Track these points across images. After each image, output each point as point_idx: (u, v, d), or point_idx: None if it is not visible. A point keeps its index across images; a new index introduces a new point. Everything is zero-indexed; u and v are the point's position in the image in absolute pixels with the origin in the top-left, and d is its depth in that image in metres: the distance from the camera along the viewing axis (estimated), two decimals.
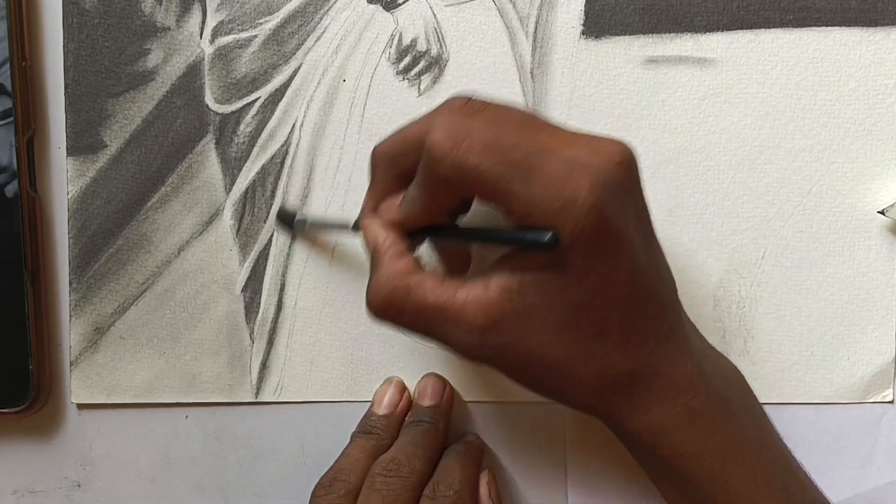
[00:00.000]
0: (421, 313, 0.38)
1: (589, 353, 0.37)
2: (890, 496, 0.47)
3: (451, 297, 0.37)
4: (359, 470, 0.43)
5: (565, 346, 0.37)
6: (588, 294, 0.36)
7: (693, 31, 0.47)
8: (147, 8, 0.47)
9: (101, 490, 0.49)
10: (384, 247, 0.39)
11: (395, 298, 0.38)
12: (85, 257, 0.48)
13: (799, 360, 0.47)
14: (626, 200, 0.37)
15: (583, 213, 0.35)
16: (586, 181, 0.35)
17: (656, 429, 0.39)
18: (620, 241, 0.36)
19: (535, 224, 0.35)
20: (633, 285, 0.37)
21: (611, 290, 0.37)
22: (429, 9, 0.47)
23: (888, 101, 0.46)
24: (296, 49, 0.47)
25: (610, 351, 0.37)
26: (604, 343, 0.37)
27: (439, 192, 0.37)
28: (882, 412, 0.47)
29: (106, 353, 0.48)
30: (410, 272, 0.38)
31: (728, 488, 0.39)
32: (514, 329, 0.37)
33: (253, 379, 0.48)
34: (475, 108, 0.37)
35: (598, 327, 0.37)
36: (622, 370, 0.38)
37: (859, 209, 0.47)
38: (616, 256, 0.36)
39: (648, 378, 0.38)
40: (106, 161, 0.48)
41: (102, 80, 0.47)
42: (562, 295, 0.36)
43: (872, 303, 0.47)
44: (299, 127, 0.48)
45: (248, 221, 0.48)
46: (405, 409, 0.46)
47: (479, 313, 0.37)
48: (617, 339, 0.37)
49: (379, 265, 0.39)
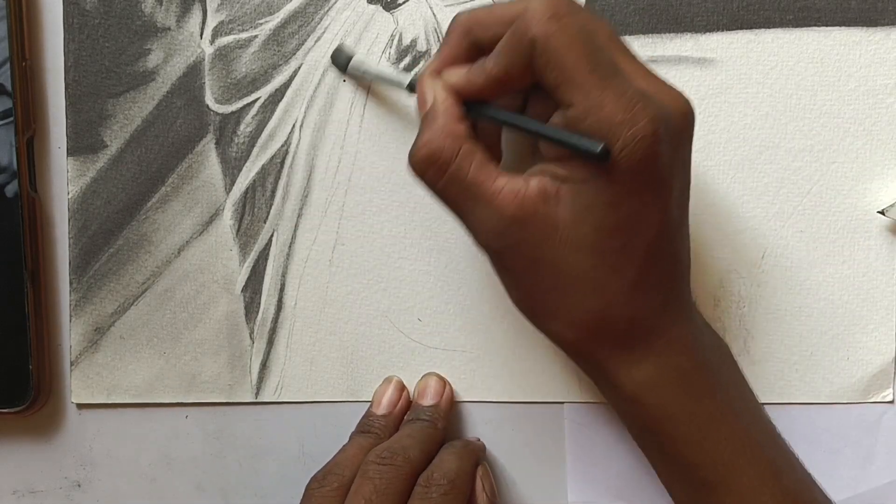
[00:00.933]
0: (459, 182, 0.38)
1: (599, 283, 0.37)
2: (890, 496, 0.47)
3: (492, 179, 0.38)
4: (353, 465, 0.43)
5: (580, 266, 0.37)
6: (618, 222, 0.37)
7: (693, 31, 0.47)
8: (147, 8, 0.47)
9: (102, 490, 0.49)
10: (443, 106, 0.39)
11: (443, 157, 0.38)
12: (85, 257, 0.48)
13: (799, 360, 0.47)
14: (678, 150, 0.37)
15: (637, 137, 0.35)
16: (651, 111, 0.35)
17: (645, 384, 0.39)
18: (663, 183, 0.36)
19: (587, 130, 0.35)
20: (660, 233, 0.37)
21: (640, 226, 0.37)
22: (429, 9, 0.47)
23: (888, 101, 0.46)
24: (296, 49, 0.47)
25: (619, 290, 0.38)
26: (617, 279, 0.37)
27: (516, 64, 0.37)
28: (882, 412, 0.47)
29: (106, 353, 0.48)
30: (465, 137, 0.38)
31: (715, 457, 0.39)
32: (539, 230, 0.37)
33: (253, 379, 0.48)
34: (574, 4, 0.37)
35: (616, 259, 0.37)
36: (623, 314, 0.38)
37: (859, 209, 0.47)
38: (655, 195, 0.37)
39: (646, 331, 0.38)
40: (106, 161, 0.48)
41: (103, 80, 0.47)
42: (594, 214, 0.37)
43: (872, 303, 0.47)
44: (299, 127, 0.48)
45: (249, 221, 0.48)
46: (404, 409, 0.47)
47: (511, 203, 0.37)
48: (630, 280, 0.37)
49: (433, 121, 0.39)
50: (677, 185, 0.38)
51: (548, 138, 0.38)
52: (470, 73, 0.39)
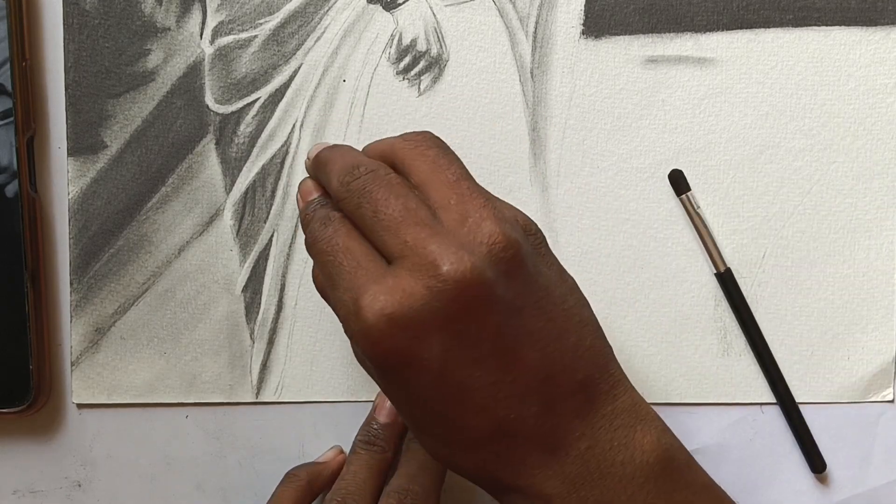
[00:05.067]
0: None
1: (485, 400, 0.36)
2: (890, 495, 0.47)
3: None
4: (367, 493, 0.43)
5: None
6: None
7: (693, 30, 0.47)
8: (147, 8, 0.47)
9: (102, 490, 0.49)
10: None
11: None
12: (85, 258, 0.48)
13: (799, 359, 0.47)
14: (422, 332, 0.34)
15: (360, 342, 0.35)
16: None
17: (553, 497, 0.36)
18: (408, 367, 0.35)
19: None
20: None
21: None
22: (429, 9, 0.47)
23: (888, 101, 0.46)
24: (296, 49, 0.47)
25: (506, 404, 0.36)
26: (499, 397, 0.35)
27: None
28: (881, 411, 0.47)
29: (107, 354, 0.48)
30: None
31: None
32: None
33: (253, 379, 0.48)
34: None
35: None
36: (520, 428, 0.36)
37: (859, 208, 0.47)
38: (409, 378, 0.35)
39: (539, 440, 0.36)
40: (106, 161, 0.48)
41: (103, 80, 0.47)
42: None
43: (873, 302, 0.47)
44: (299, 127, 0.48)
45: (249, 222, 0.48)
46: None
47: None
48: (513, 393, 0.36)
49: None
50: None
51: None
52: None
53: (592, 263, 0.47)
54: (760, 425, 0.47)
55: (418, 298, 0.33)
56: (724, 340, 0.47)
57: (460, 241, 0.34)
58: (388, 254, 0.35)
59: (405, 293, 0.33)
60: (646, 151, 0.47)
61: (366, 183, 0.36)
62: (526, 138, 0.47)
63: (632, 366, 0.47)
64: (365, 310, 0.34)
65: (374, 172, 0.36)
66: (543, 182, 0.47)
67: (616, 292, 0.47)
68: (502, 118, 0.47)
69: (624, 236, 0.47)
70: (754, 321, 0.46)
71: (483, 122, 0.47)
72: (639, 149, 0.47)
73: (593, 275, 0.47)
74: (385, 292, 0.34)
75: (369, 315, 0.34)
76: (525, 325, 0.35)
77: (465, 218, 0.35)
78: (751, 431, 0.47)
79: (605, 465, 0.36)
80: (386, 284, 0.34)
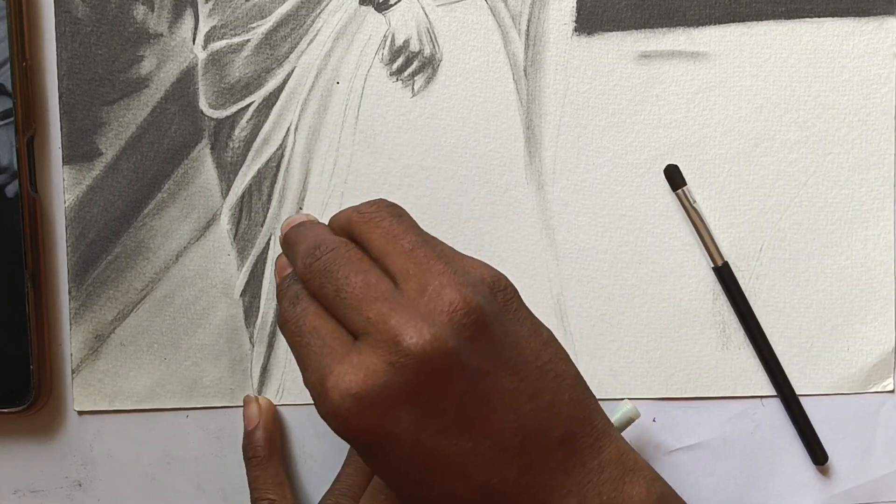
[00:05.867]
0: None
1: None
2: (891, 486, 0.47)
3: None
4: (360, 496, 0.43)
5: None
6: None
7: (685, 25, 0.47)
8: (139, 15, 0.47)
9: (102, 489, 0.49)
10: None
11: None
12: (84, 265, 0.48)
13: (799, 351, 0.47)
14: (388, 408, 0.34)
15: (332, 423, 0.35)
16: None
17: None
18: (386, 444, 0.35)
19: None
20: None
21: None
22: (420, 9, 0.47)
23: (882, 91, 0.46)
24: (289, 52, 0.47)
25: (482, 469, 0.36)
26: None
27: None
28: (882, 402, 0.47)
29: (107, 360, 0.48)
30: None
31: None
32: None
33: (254, 383, 0.48)
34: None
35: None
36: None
37: (856, 199, 0.47)
38: (386, 457, 0.35)
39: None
40: (102, 169, 0.48)
41: (96, 87, 0.48)
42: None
43: (871, 293, 0.47)
44: (294, 130, 0.48)
45: (246, 226, 0.48)
46: None
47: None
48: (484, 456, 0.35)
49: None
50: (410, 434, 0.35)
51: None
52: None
53: (590, 260, 0.47)
54: (761, 418, 0.47)
55: (381, 375, 0.33)
56: (723, 334, 0.47)
57: (421, 312, 0.34)
58: (353, 331, 0.35)
59: (369, 371, 0.34)
60: (641, 147, 0.47)
61: (326, 263, 0.36)
62: (521, 136, 0.47)
63: (631, 361, 0.47)
64: (331, 391, 0.34)
65: (334, 251, 0.36)
66: (539, 180, 0.47)
67: (614, 288, 0.47)
68: (496, 117, 0.47)
69: (621, 232, 0.47)
70: (753, 314, 0.46)
71: (477, 122, 0.47)
72: (634, 144, 0.47)
73: (591, 271, 0.47)
74: (349, 372, 0.34)
75: (335, 396, 0.34)
76: (495, 387, 0.34)
77: (425, 287, 0.34)
78: (751, 424, 0.47)
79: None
80: (350, 363, 0.34)
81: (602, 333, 0.47)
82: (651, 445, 0.47)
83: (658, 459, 0.47)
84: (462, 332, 0.34)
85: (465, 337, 0.34)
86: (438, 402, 0.34)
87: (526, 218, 0.47)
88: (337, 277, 0.35)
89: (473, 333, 0.34)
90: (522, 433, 0.35)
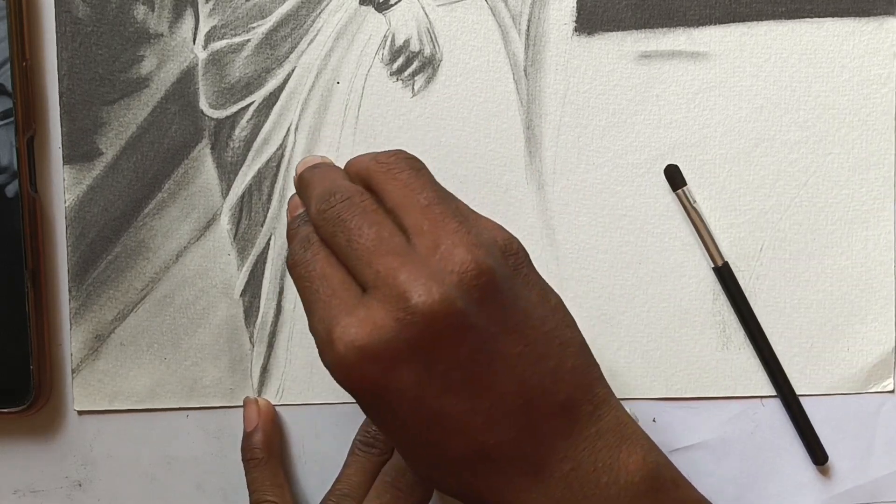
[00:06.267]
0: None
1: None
2: (891, 486, 0.47)
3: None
4: (362, 496, 0.44)
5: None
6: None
7: (685, 25, 0.47)
8: (140, 15, 0.47)
9: (102, 489, 0.49)
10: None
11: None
12: (84, 265, 0.48)
13: (799, 352, 0.47)
14: (392, 363, 0.34)
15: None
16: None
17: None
18: (389, 398, 0.35)
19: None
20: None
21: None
22: (421, 9, 0.47)
23: (882, 91, 0.46)
24: (289, 52, 0.47)
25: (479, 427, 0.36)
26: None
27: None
28: (882, 402, 0.47)
29: (107, 360, 0.48)
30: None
31: None
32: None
33: (254, 383, 0.48)
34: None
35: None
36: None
37: (856, 199, 0.47)
38: (389, 409, 0.35)
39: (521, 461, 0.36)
40: (102, 169, 0.48)
41: (97, 87, 0.48)
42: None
43: (871, 293, 0.47)
44: (294, 130, 0.48)
45: (246, 226, 0.48)
46: None
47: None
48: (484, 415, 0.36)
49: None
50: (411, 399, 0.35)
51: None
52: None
53: (590, 260, 0.47)
54: (761, 418, 0.47)
55: (388, 330, 0.34)
56: (723, 334, 0.47)
57: (431, 270, 0.34)
58: (362, 282, 0.35)
59: (375, 325, 0.34)
60: (641, 147, 0.47)
61: (340, 211, 0.36)
62: (521, 137, 0.47)
63: (631, 361, 0.47)
64: (336, 342, 0.34)
65: (348, 200, 0.36)
66: (539, 180, 0.47)
67: (614, 288, 0.47)
68: (497, 117, 0.47)
69: (621, 232, 0.47)
70: (753, 314, 0.46)
71: (477, 122, 0.47)
72: (634, 144, 0.47)
73: (591, 271, 0.47)
74: (356, 324, 0.34)
75: (340, 347, 0.34)
76: (501, 350, 0.35)
77: (437, 245, 0.34)
78: (751, 425, 0.47)
79: (589, 486, 0.36)
80: (357, 316, 0.34)
81: (602, 333, 0.47)
82: None
83: None
84: (471, 294, 0.34)
85: (474, 299, 0.34)
86: (443, 362, 0.34)
87: (526, 218, 0.47)
88: (349, 227, 0.35)
89: (482, 295, 0.34)
90: (524, 397, 0.35)
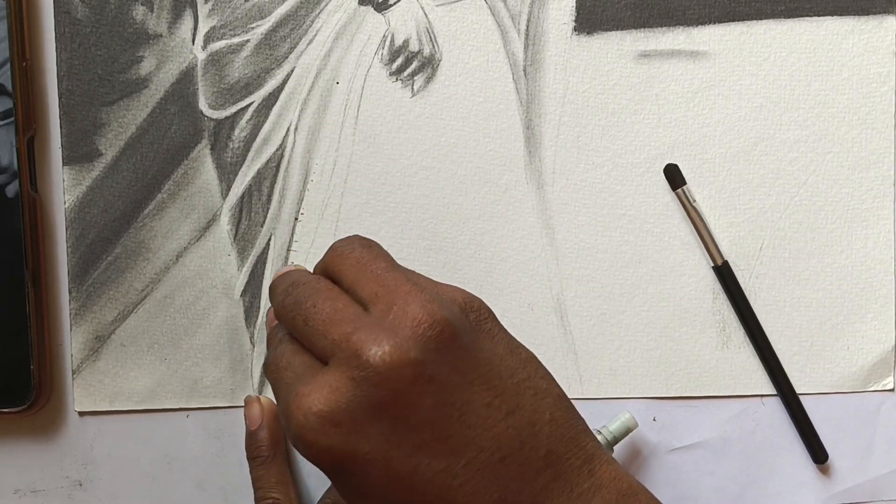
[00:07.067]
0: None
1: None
2: (892, 484, 0.47)
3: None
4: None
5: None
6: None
7: (685, 24, 0.47)
8: (139, 15, 0.47)
9: (103, 489, 0.49)
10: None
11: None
12: (84, 266, 0.48)
13: (799, 350, 0.47)
14: (356, 426, 0.33)
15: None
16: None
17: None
18: (357, 465, 0.33)
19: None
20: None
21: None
22: (420, 9, 0.47)
23: (882, 90, 0.46)
24: (288, 53, 0.47)
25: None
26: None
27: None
28: (881, 400, 0.47)
29: (107, 361, 0.48)
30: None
31: None
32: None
33: (255, 383, 0.48)
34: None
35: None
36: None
37: (856, 198, 0.47)
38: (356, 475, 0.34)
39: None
40: (102, 169, 0.48)
41: (96, 88, 0.48)
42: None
43: (871, 292, 0.47)
44: (294, 130, 0.48)
45: (246, 226, 0.48)
46: None
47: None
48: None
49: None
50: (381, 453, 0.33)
51: None
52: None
53: (590, 259, 0.47)
54: (761, 417, 0.47)
55: (345, 392, 0.33)
56: (723, 333, 0.47)
57: (384, 328, 0.33)
58: (322, 358, 0.34)
59: (331, 389, 0.33)
60: (640, 146, 0.47)
61: (297, 296, 0.36)
62: (520, 136, 0.47)
63: (631, 361, 0.47)
64: (295, 412, 0.33)
65: (305, 285, 0.36)
66: (539, 180, 0.47)
67: (614, 288, 0.47)
68: (496, 117, 0.47)
69: (621, 232, 0.47)
70: (753, 313, 0.46)
71: (477, 121, 0.47)
72: (633, 144, 0.47)
73: (591, 271, 0.47)
74: (313, 391, 0.33)
75: (300, 416, 0.33)
76: (468, 401, 0.33)
77: (391, 306, 0.34)
78: (752, 423, 0.47)
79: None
80: (315, 383, 0.33)
81: (602, 333, 0.47)
82: (651, 445, 0.47)
83: (658, 459, 0.47)
84: (427, 344, 0.33)
85: (431, 349, 0.33)
86: (408, 417, 0.33)
87: (526, 218, 0.47)
88: (306, 307, 0.35)
89: (439, 345, 0.33)
90: (500, 452, 0.33)
